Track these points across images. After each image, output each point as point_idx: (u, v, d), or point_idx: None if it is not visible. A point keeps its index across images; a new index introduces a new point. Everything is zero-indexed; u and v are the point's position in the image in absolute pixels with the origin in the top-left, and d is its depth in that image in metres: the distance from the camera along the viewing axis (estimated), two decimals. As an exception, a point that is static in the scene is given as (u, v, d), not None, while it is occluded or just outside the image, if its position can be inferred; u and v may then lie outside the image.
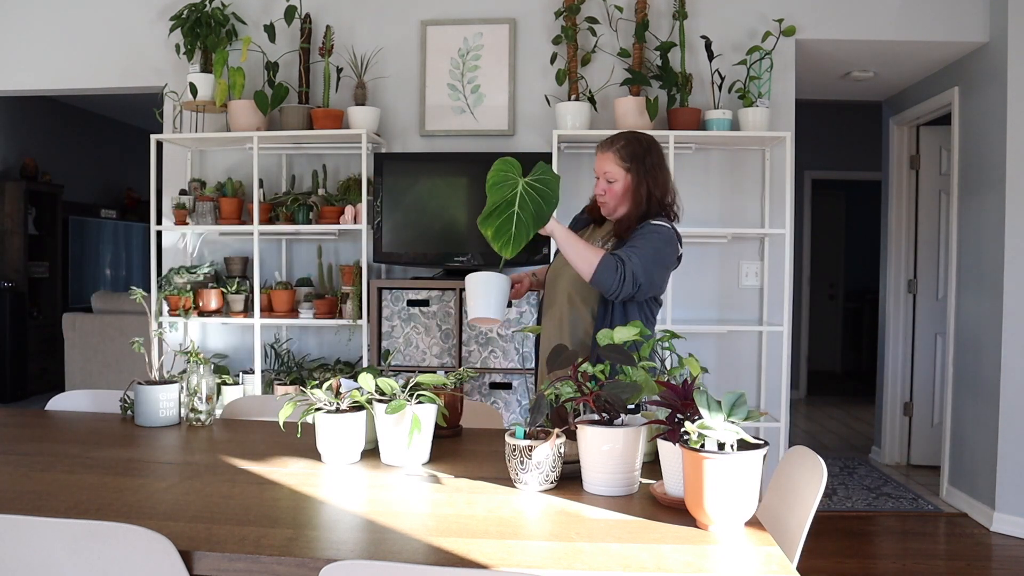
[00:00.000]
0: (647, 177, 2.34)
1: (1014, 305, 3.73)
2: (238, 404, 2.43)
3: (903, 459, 5.04)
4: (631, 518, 1.42)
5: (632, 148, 2.35)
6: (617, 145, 2.37)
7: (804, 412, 6.83)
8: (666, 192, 2.38)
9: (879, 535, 3.77)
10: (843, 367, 9.03)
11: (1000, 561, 3.46)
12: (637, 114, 3.66)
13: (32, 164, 6.94)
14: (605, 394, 1.55)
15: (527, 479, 1.57)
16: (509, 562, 1.21)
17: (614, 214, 2.40)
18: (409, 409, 1.70)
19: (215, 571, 1.23)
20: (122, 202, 8.54)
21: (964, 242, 4.16)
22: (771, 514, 1.69)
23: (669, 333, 1.89)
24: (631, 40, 3.81)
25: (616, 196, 2.36)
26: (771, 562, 1.23)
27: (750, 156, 3.95)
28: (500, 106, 3.94)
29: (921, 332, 4.97)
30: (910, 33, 3.89)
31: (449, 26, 3.96)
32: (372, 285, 3.58)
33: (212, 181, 4.03)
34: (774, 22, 3.77)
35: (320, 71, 3.92)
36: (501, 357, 3.53)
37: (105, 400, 2.41)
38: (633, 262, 2.20)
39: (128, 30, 4.15)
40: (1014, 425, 3.72)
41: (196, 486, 1.59)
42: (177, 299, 3.77)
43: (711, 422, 1.36)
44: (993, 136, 3.85)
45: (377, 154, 3.80)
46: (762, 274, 3.95)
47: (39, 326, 6.88)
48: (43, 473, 1.66)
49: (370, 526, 1.37)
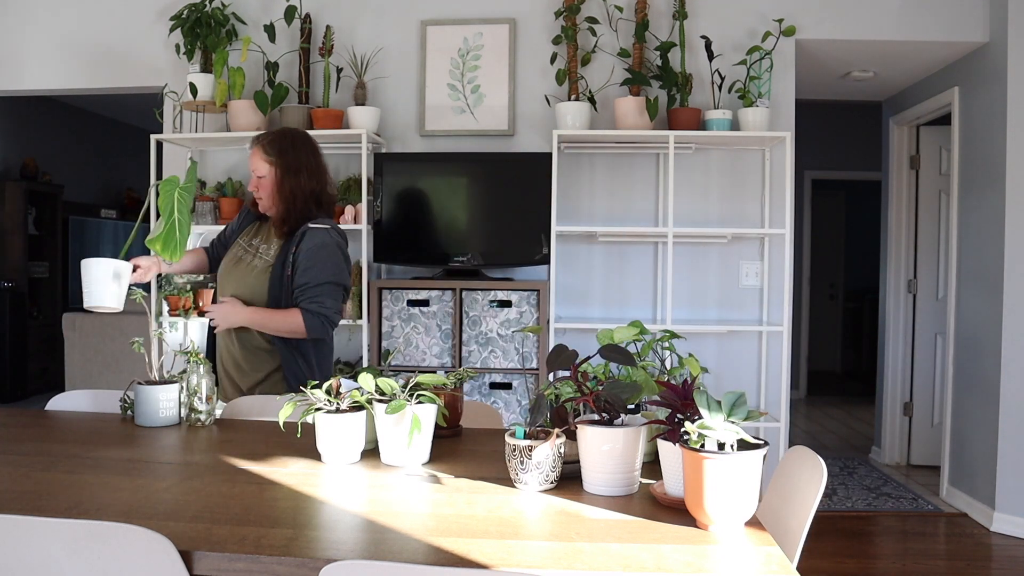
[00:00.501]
0: (291, 172, 2.36)
1: (1014, 305, 3.73)
2: (238, 404, 2.43)
3: (903, 459, 5.04)
4: (631, 518, 1.42)
5: (279, 143, 2.38)
6: (264, 141, 2.39)
7: (804, 412, 6.83)
8: (317, 187, 2.39)
9: (879, 535, 3.77)
10: (843, 367, 9.03)
11: (1000, 561, 3.46)
12: (637, 114, 3.66)
13: (32, 164, 6.94)
14: (605, 394, 1.55)
15: (527, 479, 1.57)
16: (509, 562, 1.21)
17: (270, 211, 2.42)
18: (409, 409, 1.70)
19: (215, 571, 1.23)
20: (122, 202, 8.54)
21: (964, 242, 4.16)
22: (771, 514, 1.69)
23: (669, 333, 1.89)
24: (631, 40, 3.81)
25: (267, 191, 2.38)
26: (771, 562, 1.23)
27: (750, 156, 3.95)
28: (500, 106, 3.94)
29: (921, 332, 4.97)
30: (910, 33, 3.89)
31: (449, 26, 3.96)
32: (372, 285, 3.58)
33: (212, 181, 4.03)
34: (774, 22, 3.77)
35: (320, 71, 3.92)
36: (501, 357, 3.53)
37: (105, 400, 2.41)
38: (327, 306, 2.35)
39: (128, 30, 4.16)
40: (1014, 425, 3.72)
41: (196, 486, 1.59)
42: (177, 299, 3.76)
43: (711, 422, 1.36)
44: (993, 136, 3.85)
45: (377, 154, 3.80)
46: (762, 274, 3.95)
47: (39, 326, 6.88)
48: (43, 473, 1.66)
49: (370, 526, 1.37)
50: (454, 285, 3.54)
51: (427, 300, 3.56)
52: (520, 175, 3.72)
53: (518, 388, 3.53)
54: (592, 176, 3.98)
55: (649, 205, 3.97)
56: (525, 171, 3.72)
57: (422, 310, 3.56)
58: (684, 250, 3.95)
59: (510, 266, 3.85)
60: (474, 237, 3.76)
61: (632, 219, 3.97)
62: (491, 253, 3.73)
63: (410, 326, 3.57)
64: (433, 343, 3.56)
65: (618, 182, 3.97)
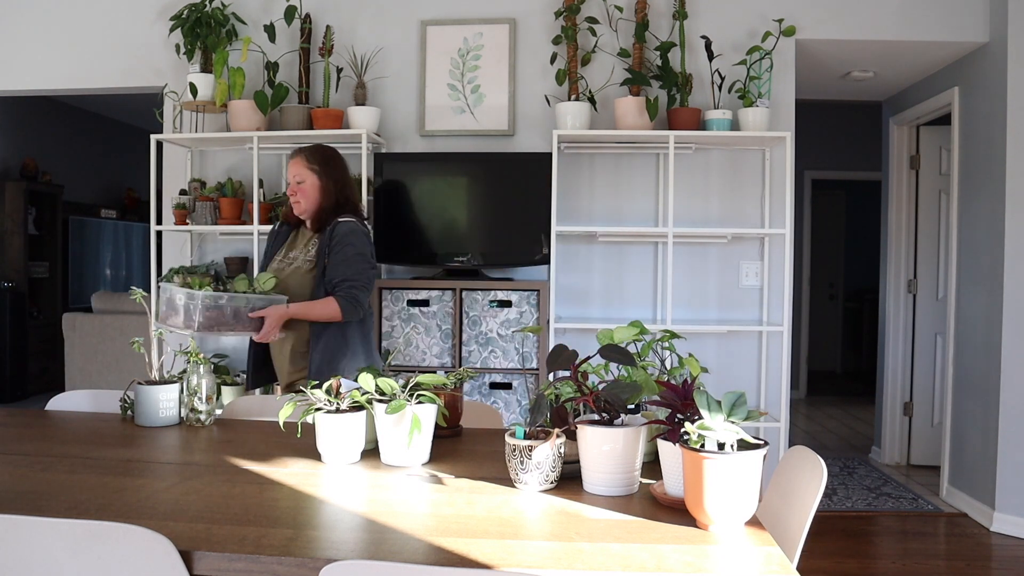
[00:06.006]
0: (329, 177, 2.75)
1: (1014, 305, 3.73)
2: (238, 404, 2.43)
3: (903, 459, 5.03)
4: (631, 518, 1.42)
5: (320, 153, 2.77)
6: (307, 152, 2.77)
7: (804, 412, 6.83)
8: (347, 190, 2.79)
9: (879, 535, 3.77)
10: (843, 367, 9.03)
11: (1000, 561, 3.46)
12: (637, 114, 3.66)
13: (32, 164, 6.94)
14: (605, 394, 1.55)
15: (527, 479, 1.57)
16: (509, 562, 1.21)
17: (306, 213, 2.75)
18: (409, 409, 1.70)
19: (215, 571, 1.23)
20: (122, 202, 8.55)
21: (964, 242, 4.16)
22: (771, 514, 1.69)
23: (669, 333, 1.89)
24: (631, 40, 3.81)
25: (305, 194, 2.73)
26: (771, 562, 1.23)
27: (750, 156, 3.95)
28: (500, 106, 3.94)
29: (921, 332, 4.97)
30: (910, 33, 3.89)
31: (449, 26, 3.96)
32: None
33: (212, 181, 4.03)
34: (774, 22, 3.77)
35: (320, 71, 3.92)
36: (501, 357, 3.53)
37: (105, 400, 2.41)
38: (357, 287, 2.63)
39: (128, 30, 4.16)
40: (1014, 425, 3.72)
41: (196, 486, 1.59)
42: (177, 299, 3.76)
43: (711, 422, 1.36)
44: (993, 136, 3.85)
45: (377, 154, 3.80)
46: (762, 274, 3.95)
47: (39, 326, 6.88)
48: (43, 473, 1.66)
49: (370, 526, 1.37)
50: (454, 285, 3.54)
51: (427, 300, 3.56)
52: (520, 175, 3.72)
53: (518, 388, 3.53)
54: (592, 176, 3.98)
55: (649, 205, 3.97)
56: (525, 171, 3.72)
57: (422, 310, 3.56)
58: (684, 250, 3.95)
59: (510, 266, 3.85)
60: (474, 237, 3.76)
61: (632, 219, 3.97)
62: (491, 253, 3.73)
63: (410, 326, 3.57)
64: (433, 343, 3.56)
65: (618, 182, 3.97)
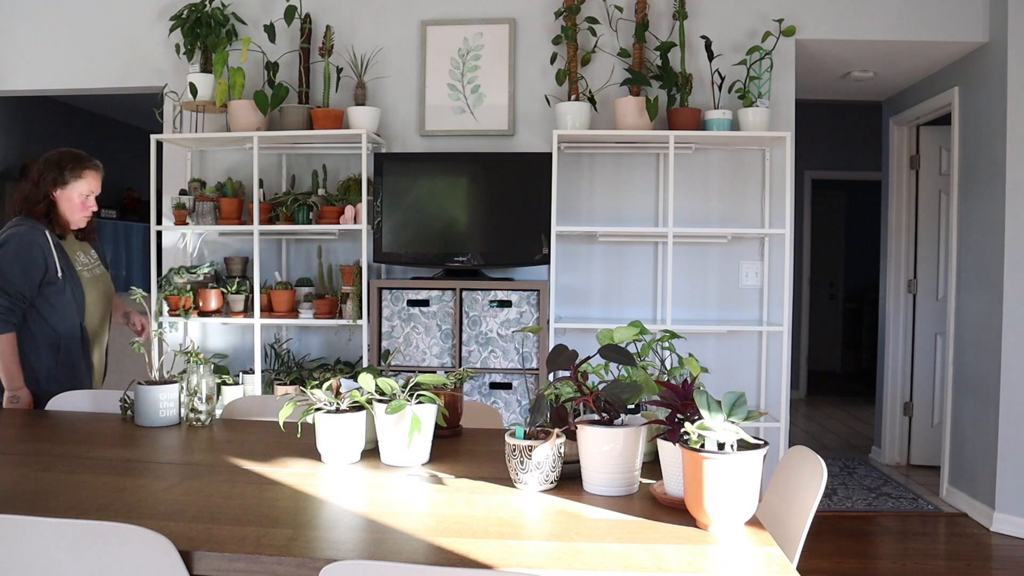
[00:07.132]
0: None
1: (1014, 305, 3.73)
2: (238, 404, 2.43)
3: (903, 459, 5.04)
4: (631, 518, 1.42)
5: None
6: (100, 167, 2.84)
7: (804, 412, 6.83)
8: None
9: (879, 535, 3.77)
10: (843, 367, 9.03)
11: (1000, 561, 3.46)
12: (637, 114, 3.66)
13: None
14: (605, 394, 1.55)
15: (527, 479, 1.57)
16: (509, 562, 1.21)
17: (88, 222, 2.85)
18: (409, 409, 1.70)
19: (215, 571, 1.23)
20: (122, 202, 8.54)
21: (964, 242, 4.16)
22: (771, 514, 1.69)
23: (669, 333, 1.89)
24: (631, 40, 3.81)
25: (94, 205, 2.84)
26: (771, 562, 1.23)
27: (750, 156, 3.95)
28: (500, 106, 3.94)
29: (921, 332, 4.97)
30: (910, 33, 3.89)
31: (449, 26, 3.96)
32: (372, 285, 3.58)
33: (212, 181, 4.03)
34: (774, 22, 3.77)
35: (320, 71, 3.92)
36: (501, 357, 3.53)
37: (105, 400, 2.41)
38: None
39: (128, 30, 4.16)
40: (1014, 425, 3.72)
41: (196, 486, 1.59)
42: (177, 299, 3.77)
43: (711, 422, 1.36)
44: (993, 136, 3.85)
45: (377, 154, 3.80)
46: (762, 274, 3.95)
47: (39, 326, 6.86)
48: (43, 473, 1.66)
49: (370, 526, 1.37)
50: (454, 285, 3.54)
51: (427, 300, 3.56)
52: (520, 175, 3.72)
53: (518, 388, 3.53)
54: (592, 176, 3.98)
55: (649, 205, 3.97)
56: (525, 171, 3.71)
57: (422, 310, 3.56)
58: (684, 250, 3.95)
59: (510, 266, 3.85)
60: (474, 237, 3.76)
61: (632, 219, 3.97)
62: (491, 253, 3.73)
63: (410, 326, 3.57)
64: (433, 343, 3.56)
65: (618, 182, 3.97)
